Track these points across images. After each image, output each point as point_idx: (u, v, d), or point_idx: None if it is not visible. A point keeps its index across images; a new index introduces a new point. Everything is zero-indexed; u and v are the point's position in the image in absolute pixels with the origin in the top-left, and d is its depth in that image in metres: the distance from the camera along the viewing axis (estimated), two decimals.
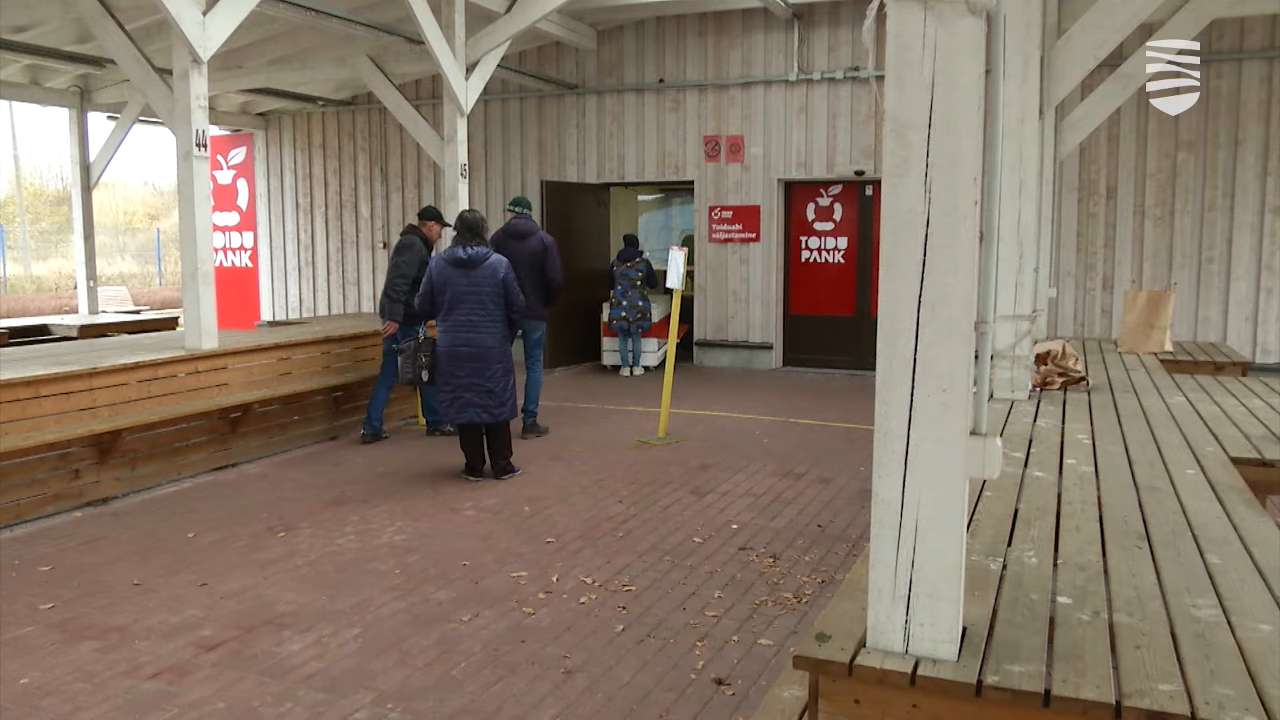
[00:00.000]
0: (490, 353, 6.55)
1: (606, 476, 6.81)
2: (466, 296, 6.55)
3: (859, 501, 6.11)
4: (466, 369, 6.55)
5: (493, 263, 6.58)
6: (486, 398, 6.56)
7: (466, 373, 6.55)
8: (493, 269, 6.56)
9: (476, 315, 6.54)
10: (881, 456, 2.18)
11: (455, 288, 6.57)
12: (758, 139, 11.86)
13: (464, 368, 6.55)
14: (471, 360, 6.55)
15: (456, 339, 6.57)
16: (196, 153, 6.95)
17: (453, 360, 6.58)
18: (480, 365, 6.54)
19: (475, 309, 6.54)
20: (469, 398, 6.56)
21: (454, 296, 6.58)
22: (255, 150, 14.88)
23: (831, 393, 10.43)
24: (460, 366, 6.56)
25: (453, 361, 6.58)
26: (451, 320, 6.60)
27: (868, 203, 11.74)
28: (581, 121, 12.76)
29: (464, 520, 5.81)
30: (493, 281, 6.55)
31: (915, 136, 2.09)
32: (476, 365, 6.54)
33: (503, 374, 6.60)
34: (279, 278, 14.96)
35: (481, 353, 6.54)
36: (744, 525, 5.67)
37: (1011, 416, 5.08)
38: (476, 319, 6.54)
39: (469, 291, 6.54)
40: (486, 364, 6.54)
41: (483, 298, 6.53)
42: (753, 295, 12.05)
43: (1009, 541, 3.02)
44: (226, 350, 7.29)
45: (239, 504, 6.23)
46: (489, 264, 6.57)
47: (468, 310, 6.55)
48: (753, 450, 7.60)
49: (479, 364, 6.54)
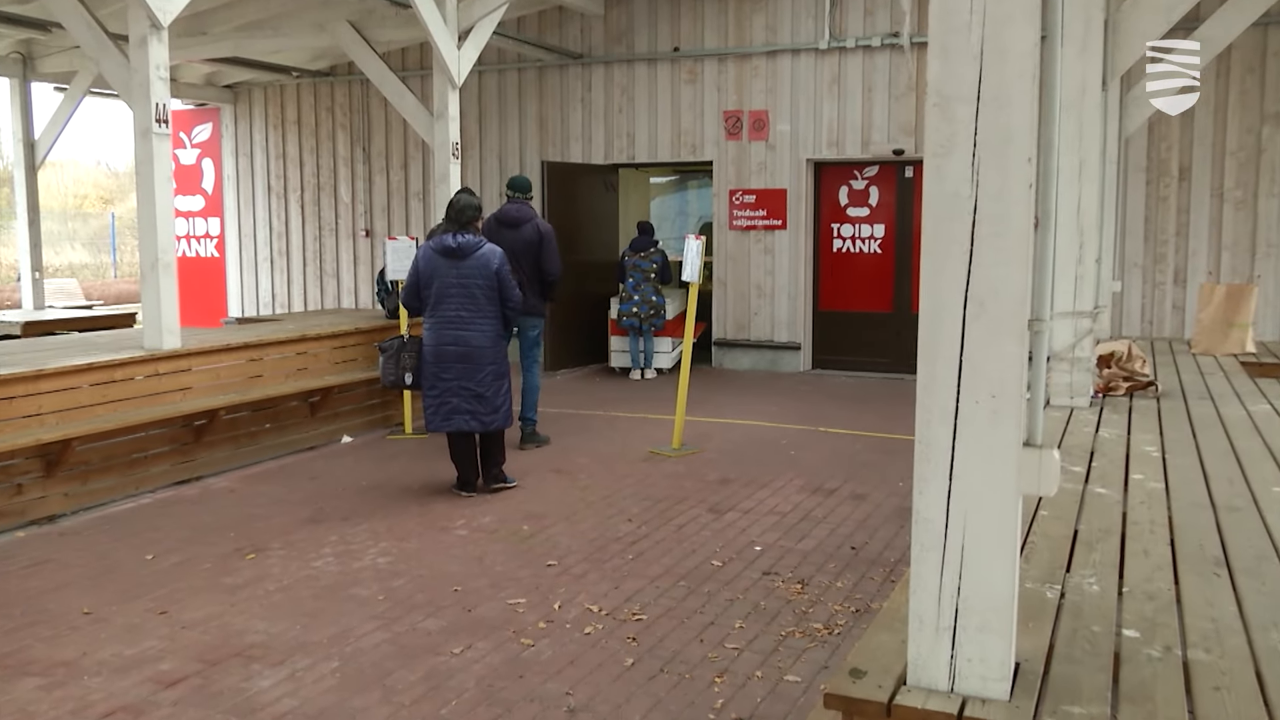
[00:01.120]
0: (481, 353, 6.54)
1: (614, 492, 6.81)
2: (455, 289, 6.53)
3: (897, 521, 6.10)
4: (454, 371, 6.53)
5: (485, 253, 6.56)
6: (476, 403, 6.55)
7: (454, 375, 6.53)
8: (485, 260, 6.54)
9: (466, 310, 6.52)
10: (923, 470, 2.18)
11: (443, 279, 6.55)
12: (784, 114, 11.86)
13: (451, 369, 6.54)
14: (460, 361, 6.53)
15: (443, 337, 6.55)
16: (156, 129, 6.99)
17: (439, 361, 6.56)
18: (469, 367, 6.53)
19: (465, 303, 6.52)
20: (456, 403, 6.55)
21: (441, 289, 6.55)
22: (222, 127, 14.95)
23: (867, 398, 10.41)
24: (447, 368, 6.54)
25: (439, 362, 6.56)
26: (438, 316, 6.58)
27: (908, 186, 11.72)
28: (587, 95, 12.78)
29: (455, 540, 5.82)
30: (484, 273, 6.53)
31: (961, 111, 2.09)
32: (465, 367, 6.53)
33: (495, 377, 6.58)
34: (249, 269, 15.03)
35: (470, 352, 6.52)
36: (768, 547, 5.66)
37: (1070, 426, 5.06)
38: (466, 315, 6.52)
39: (458, 284, 6.53)
40: (476, 365, 6.53)
41: (473, 291, 6.52)
42: (778, 289, 12.05)
43: (1068, 567, 3.01)
44: (190, 350, 7.32)
45: (203, 522, 6.26)
46: (481, 254, 6.55)
47: (456, 305, 6.53)
48: (778, 463, 7.60)
49: (468, 365, 6.53)
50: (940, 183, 2.12)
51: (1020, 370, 2.11)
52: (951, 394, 2.14)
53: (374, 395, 8.94)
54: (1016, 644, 2.30)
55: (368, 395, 8.89)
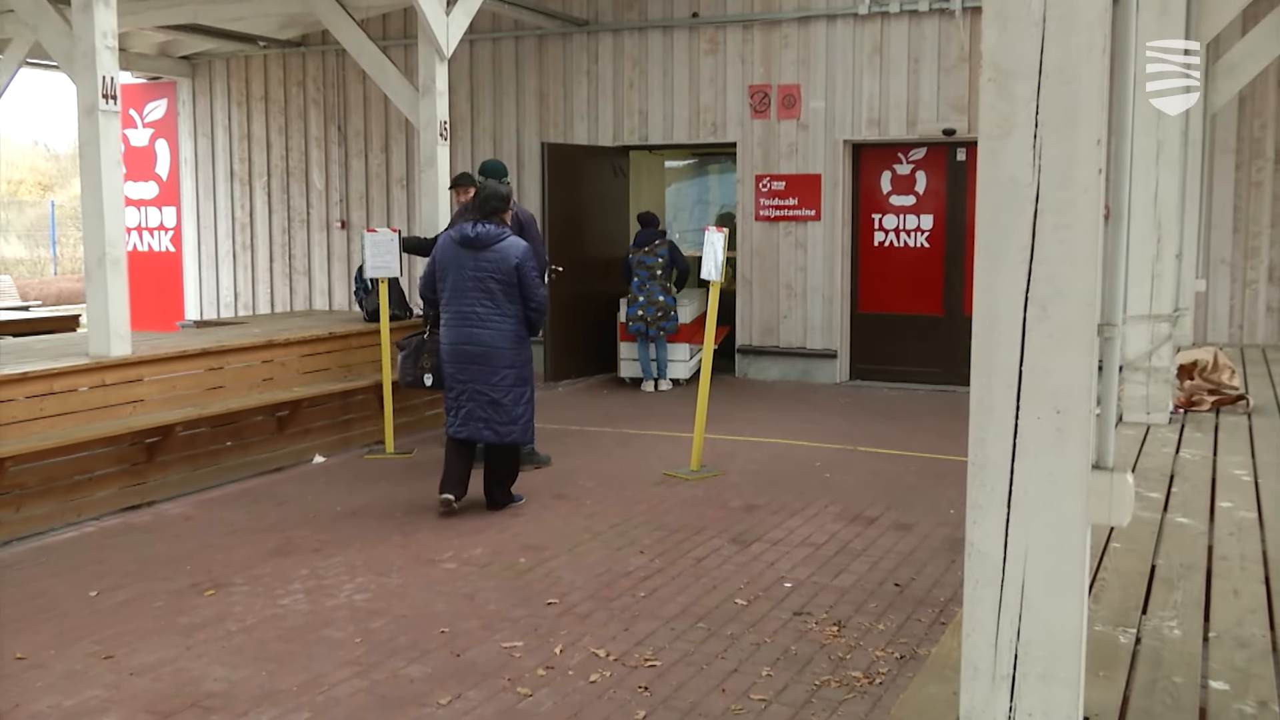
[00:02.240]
0: (498, 354, 6.75)
1: (624, 520, 6.82)
2: (471, 284, 6.76)
3: (948, 554, 6.09)
4: (469, 372, 6.78)
5: (505, 246, 6.78)
6: (491, 410, 6.76)
7: (469, 377, 6.77)
8: (504, 253, 6.76)
9: (482, 307, 6.76)
10: (978, 496, 2.18)
11: (460, 272, 6.80)
12: (818, 89, 11.88)
13: (466, 370, 6.78)
14: (475, 362, 6.76)
15: (459, 334, 6.81)
16: (103, 106, 7.03)
17: (454, 360, 6.83)
18: (483, 369, 6.75)
19: (481, 299, 6.76)
20: (471, 409, 6.78)
21: (457, 282, 6.80)
22: (179, 104, 15.04)
23: (913, 414, 10.40)
24: (462, 369, 6.79)
25: (454, 362, 6.83)
26: (453, 311, 6.83)
27: (960, 171, 11.72)
28: (593, 67, 12.82)
29: (443, 575, 5.83)
30: (503, 268, 6.75)
31: (1021, 87, 2.09)
32: (479, 368, 6.75)
33: (514, 382, 6.79)
34: (208, 265, 15.10)
35: (486, 352, 6.75)
36: (800, 583, 5.66)
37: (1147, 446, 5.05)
38: (482, 311, 6.76)
39: (475, 278, 6.76)
40: (492, 367, 6.75)
41: (489, 286, 6.74)
42: (811, 289, 12.05)
43: (1144, 607, 3.00)
44: (141, 358, 7.36)
45: (156, 553, 6.28)
46: (502, 246, 6.77)
47: (472, 300, 6.77)
48: (811, 487, 7.59)
49: (482, 366, 6.75)
50: (997, 168, 2.13)
51: (1088, 382, 2.11)
52: (1010, 409, 2.14)
53: (349, 409, 8.97)
54: (1085, 696, 2.29)
55: (342, 409, 8.91)
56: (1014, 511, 2.16)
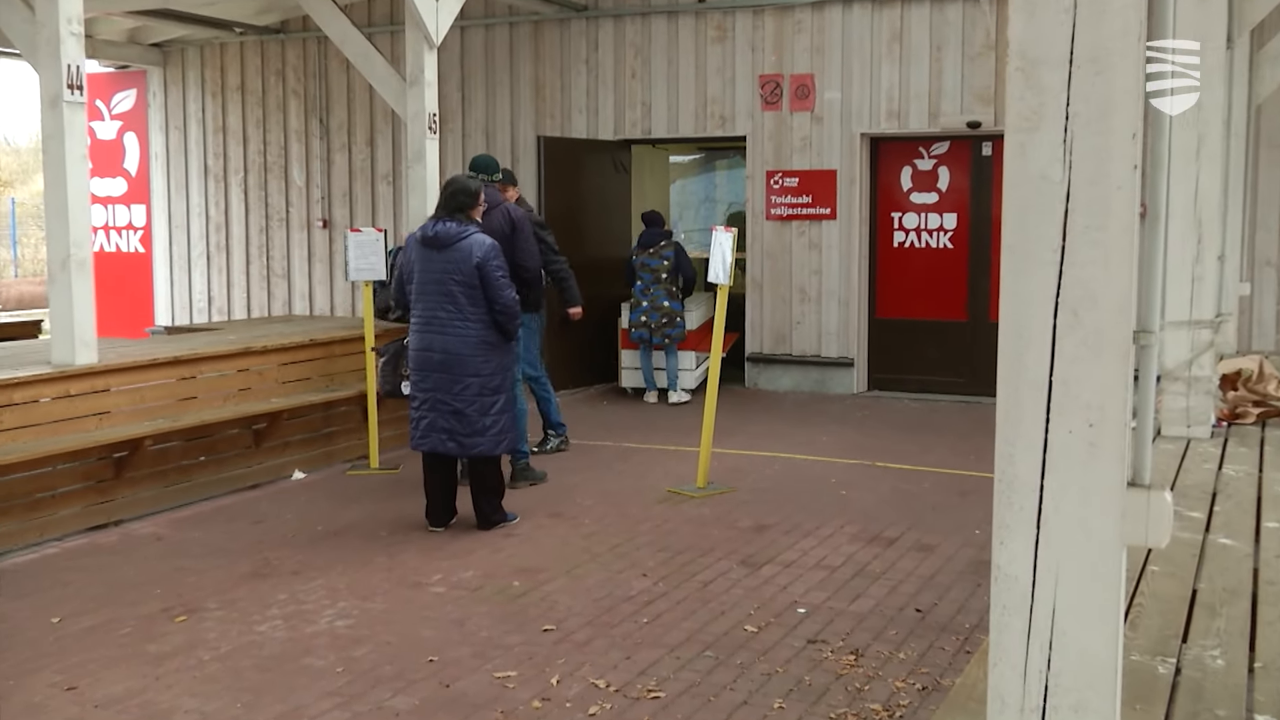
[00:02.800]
0: (462, 361, 6.77)
1: (625, 540, 6.82)
2: (432, 286, 6.82)
3: (974, 577, 6.08)
4: (431, 380, 6.83)
5: (466, 244, 6.77)
6: (454, 421, 6.79)
7: (431, 385, 6.83)
8: (466, 251, 6.76)
9: (444, 311, 6.79)
10: (1005, 515, 2.18)
11: (424, 274, 6.85)
12: (834, 79, 11.89)
13: (428, 379, 6.85)
14: (437, 369, 6.82)
15: (421, 340, 6.89)
16: (68, 97, 7.05)
17: (417, 368, 6.92)
18: (445, 377, 6.79)
19: (443, 302, 6.79)
20: (433, 419, 6.83)
21: (421, 284, 6.87)
22: (149, 94, 15.07)
23: (935, 427, 10.39)
24: (425, 377, 6.87)
25: (419, 369, 6.91)
26: (417, 315, 6.92)
27: (985, 166, 11.73)
28: (593, 56, 12.84)
29: (431, 599, 5.83)
30: (464, 268, 6.75)
31: (1051, 77, 2.10)
32: (441, 376, 6.80)
33: (480, 391, 6.80)
34: (180, 267, 15.12)
35: (448, 360, 6.79)
36: (814, 609, 5.65)
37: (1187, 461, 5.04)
38: (444, 315, 6.80)
39: (436, 279, 6.80)
40: (454, 375, 6.78)
41: (450, 288, 6.76)
42: (826, 293, 12.05)
43: (1184, 635, 2.99)
44: (108, 367, 7.36)
45: (123, 576, 6.27)
46: (464, 244, 6.77)
47: (434, 304, 6.82)
48: (826, 505, 7.59)
49: (443, 375, 6.80)
50: (1024, 164, 2.13)
51: (1124, 393, 2.11)
52: (1039, 422, 2.14)
53: (332, 422, 8.97)
54: None
55: (324, 422, 8.92)
56: (1044, 532, 2.16)
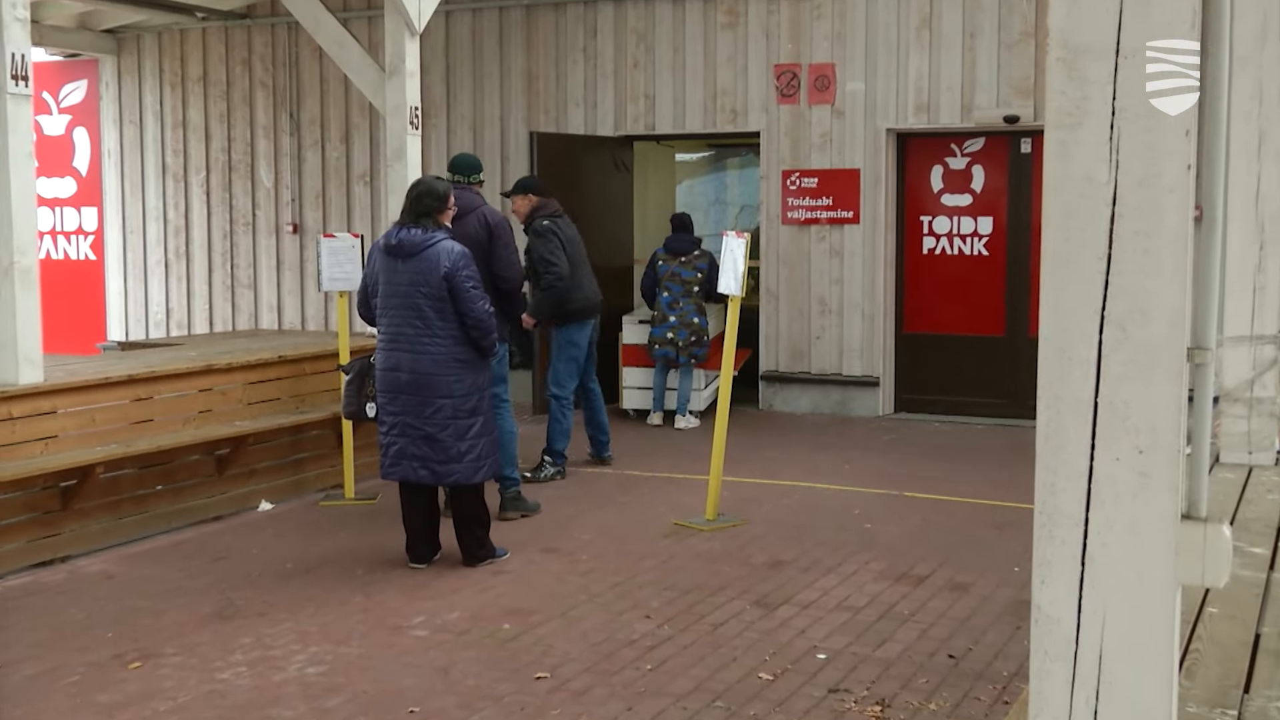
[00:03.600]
0: (431, 382, 6.77)
1: (627, 579, 6.81)
2: (397, 300, 6.83)
3: (1012, 619, 6.07)
4: (398, 403, 6.83)
5: (433, 253, 6.76)
6: (426, 447, 6.78)
7: (399, 408, 6.83)
8: (433, 260, 6.75)
9: (410, 327, 6.79)
10: (1046, 551, 2.17)
11: (389, 285, 6.86)
12: (857, 69, 11.91)
13: (396, 401, 6.85)
14: (404, 391, 6.82)
15: (389, 359, 6.89)
16: (12, 89, 7.06)
17: (386, 389, 6.91)
18: (413, 399, 6.79)
19: (410, 317, 6.78)
20: (403, 445, 6.83)
21: (386, 297, 6.87)
22: (102, 85, 15.10)
23: (969, 453, 10.38)
24: (392, 399, 6.87)
25: (386, 391, 6.91)
26: (384, 332, 6.93)
27: (1025, 165, 11.73)
28: (591, 43, 12.87)
29: (412, 644, 5.82)
30: (431, 279, 6.74)
31: (1096, 68, 2.10)
32: (409, 399, 6.81)
33: (453, 414, 6.79)
34: (135, 276, 15.12)
35: (416, 380, 6.78)
36: (836, 655, 5.64)
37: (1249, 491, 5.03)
38: (410, 332, 6.79)
39: (402, 292, 6.81)
40: (423, 398, 6.78)
41: (416, 301, 6.76)
42: (849, 305, 12.05)
43: (1246, 685, 2.98)
44: (55, 387, 7.36)
45: (71, 619, 6.26)
46: (430, 252, 6.76)
47: (400, 318, 6.82)
48: (849, 539, 7.58)
49: (412, 397, 6.80)
50: (1066, 163, 2.13)
51: (1177, 416, 2.11)
52: (1084, 448, 2.14)
53: (302, 447, 8.97)
54: None
55: (294, 447, 8.92)
56: (1089, 569, 2.15)
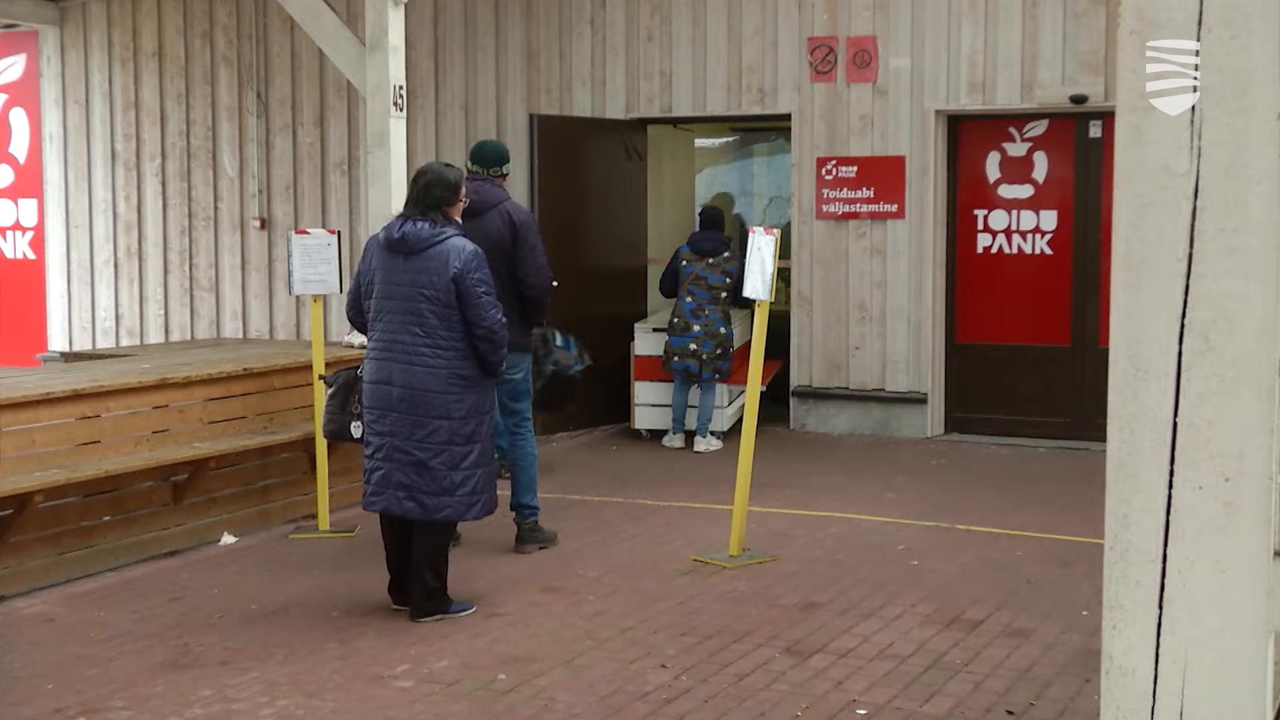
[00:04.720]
0: (429, 400, 6.65)
1: (640, 623, 6.80)
2: (396, 303, 6.71)
3: (1080, 670, 6.06)
4: (387, 422, 6.70)
5: (444, 249, 6.66)
6: (415, 475, 6.65)
7: (387, 428, 6.70)
8: (441, 259, 6.64)
9: (409, 334, 6.66)
10: (1119, 593, 2.17)
11: (387, 285, 6.75)
12: (901, 42, 11.92)
13: (384, 419, 6.71)
14: (395, 408, 6.68)
15: (377, 371, 6.76)
16: None
17: (374, 405, 6.78)
18: (405, 418, 6.66)
19: (408, 323, 6.66)
20: (389, 470, 6.69)
21: (382, 299, 6.75)
22: (42, 60, 15.15)
23: (1030, 480, 10.37)
24: (380, 417, 6.73)
25: (374, 407, 6.78)
26: (376, 339, 6.80)
27: (1094, 151, 11.71)
28: (599, 14, 12.89)
29: (394, 696, 5.82)
30: (437, 281, 6.64)
31: (1175, 44, 2.11)
32: (400, 417, 6.67)
33: (449, 439, 6.67)
34: (81, 278, 15.16)
35: (411, 397, 6.66)
36: (877, 710, 5.64)
37: None
38: (409, 340, 6.66)
39: (403, 294, 6.70)
40: (417, 417, 6.65)
41: (418, 305, 6.65)
42: (893, 311, 12.04)
43: None
44: None
45: (6, 668, 6.26)
46: (438, 250, 6.66)
47: (397, 325, 6.70)
48: (893, 578, 7.57)
49: (404, 415, 6.67)
50: (1141, 151, 2.14)
51: (1267, 438, 2.11)
52: (1161, 475, 2.14)
53: (270, 472, 8.98)
54: None
55: (261, 472, 8.93)
56: (1168, 614, 2.16)
